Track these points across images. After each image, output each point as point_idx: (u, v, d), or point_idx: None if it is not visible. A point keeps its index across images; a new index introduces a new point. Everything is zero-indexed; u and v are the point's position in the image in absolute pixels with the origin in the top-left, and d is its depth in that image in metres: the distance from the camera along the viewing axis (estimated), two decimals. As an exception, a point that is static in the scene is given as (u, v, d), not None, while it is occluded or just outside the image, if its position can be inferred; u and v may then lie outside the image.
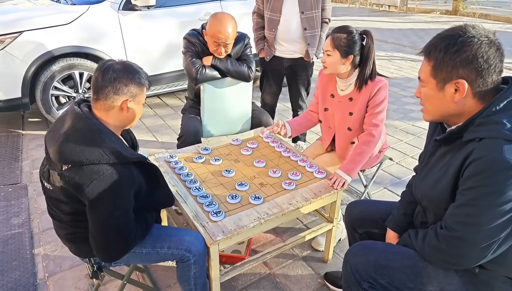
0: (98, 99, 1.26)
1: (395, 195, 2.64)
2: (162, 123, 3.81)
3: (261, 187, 1.74)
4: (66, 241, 1.41)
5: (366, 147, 1.84)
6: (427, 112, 1.13)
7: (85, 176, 1.16)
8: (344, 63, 1.81)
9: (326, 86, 2.03)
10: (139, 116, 1.38)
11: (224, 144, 2.15)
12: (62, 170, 1.19)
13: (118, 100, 1.25)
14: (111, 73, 1.24)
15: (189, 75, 2.23)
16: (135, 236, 1.28)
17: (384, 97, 1.84)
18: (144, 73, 1.32)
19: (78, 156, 1.16)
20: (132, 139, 1.54)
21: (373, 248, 1.28)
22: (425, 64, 1.07)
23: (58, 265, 1.97)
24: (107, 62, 1.27)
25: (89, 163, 1.16)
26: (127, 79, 1.25)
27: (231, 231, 1.45)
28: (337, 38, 1.78)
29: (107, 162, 1.18)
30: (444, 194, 1.10)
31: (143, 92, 1.32)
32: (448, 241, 1.06)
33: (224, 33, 2.11)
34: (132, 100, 1.28)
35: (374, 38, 1.81)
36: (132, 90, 1.27)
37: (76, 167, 1.17)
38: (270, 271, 1.96)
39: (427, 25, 9.87)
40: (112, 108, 1.26)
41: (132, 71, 1.27)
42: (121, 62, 1.30)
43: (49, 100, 3.37)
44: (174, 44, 3.77)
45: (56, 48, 3.24)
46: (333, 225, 1.89)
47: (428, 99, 1.09)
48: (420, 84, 1.12)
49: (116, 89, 1.23)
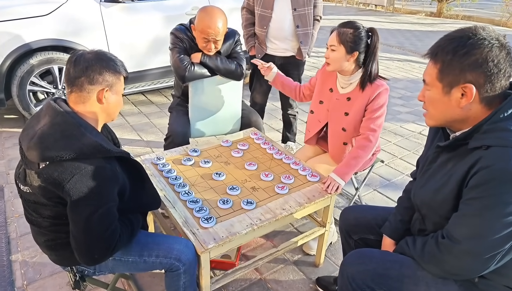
0: (73, 92, 1.19)
1: (385, 197, 2.62)
2: (147, 121, 3.69)
3: (253, 191, 1.68)
4: (46, 249, 1.31)
5: (362, 151, 1.80)
6: (430, 117, 1.09)
7: (65, 172, 1.09)
8: (349, 60, 1.76)
9: (326, 78, 1.98)
10: (119, 108, 1.31)
11: (214, 145, 2.07)
12: (40, 168, 1.11)
13: (94, 91, 1.19)
14: (82, 63, 1.17)
15: (177, 73, 2.14)
16: (120, 236, 1.20)
17: (384, 102, 1.80)
18: (119, 61, 1.25)
19: (56, 152, 1.08)
20: (114, 139, 1.46)
21: (370, 256, 1.24)
22: (431, 67, 1.02)
23: (38, 272, 1.86)
24: (77, 52, 1.21)
25: (68, 158, 1.09)
26: (100, 67, 1.18)
27: (223, 238, 1.39)
28: (343, 32, 1.72)
29: (88, 156, 1.11)
30: (446, 202, 1.06)
31: (120, 80, 1.25)
32: (450, 252, 1.03)
33: (214, 29, 2.03)
34: (109, 89, 1.21)
35: (379, 35, 1.76)
36: (108, 78, 1.20)
37: (55, 163, 1.09)
38: (261, 276, 1.90)
39: (413, 26, 9.99)
40: (88, 100, 1.19)
41: (105, 59, 1.21)
42: (93, 51, 1.23)
43: (26, 96, 3.20)
44: (160, 39, 3.65)
45: (34, 41, 3.08)
46: (326, 230, 1.85)
47: (432, 103, 1.05)
48: (424, 87, 1.08)
49: (90, 79, 1.17)
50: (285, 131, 3.07)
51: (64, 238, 1.21)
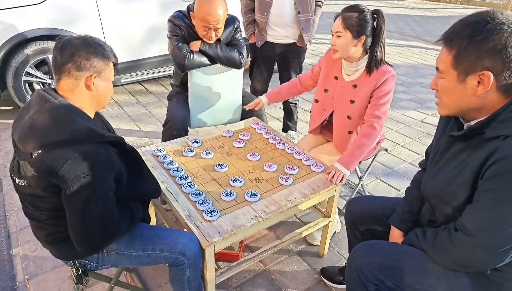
0: (61, 79, 1.16)
1: (388, 186, 2.60)
2: (145, 111, 3.64)
3: (257, 183, 1.65)
4: (46, 243, 1.29)
5: (366, 139, 1.76)
6: (443, 106, 1.05)
7: (58, 158, 1.06)
8: (356, 45, 1.71)
9: (331, 66, 1.93)
10: (110, 95, 1.27)
11: (215, 136, 2.03)
12: (33, 157, 1.08)
13: (82, 77, 1.15)
14: (69, 49, 1.13)
15: (176, 61, 2.08)
16: (119, 222, 1.18)
17: (390, 89, 1.76)
18: (107, 46, 1.21)
19: (48, 139, 1.06)
20: (107, 126, 1.41)
21: (378, 248, 1.21)
22: (445, 53, 0.97)
23: (39, 267, 1.84)
24: (64, 38, 1.17)
25: (61, 144, 1.07)
26: (87, 52, 1.14)
27: (227, 231, 1.36)
28: (348, 17, 1.67)
29: (81, 142, 1.08)
30: (459, 193, 1.03)
31: (109, 66, 1.21)
32: (464, 245, 1.00)
33: (215, 16, 1.97)
34: (97, 76, 1.17)
35: (385, 17, 1.70)
36: (96, 64, 1.16)
37: (47, 150, 1.07)
38: (265, 267, 1.89)
39: (412, 11, 9.85)
40: (77, 87, 1.16)
41: (92, 44, 1.17)
42: (80, 36, 1.19)
43: (22, 87, 3.14)
44: (157, 27, 3.57)
45: (28, 31, 3.00)
46: (330, 220, 1.83)
47: (446, 92, 1.01)
48: (437, 75, 1.03)
49: (77, 64, 1.13)
50: (286, 120, 3.03)
51: (63, 231, 1.19)
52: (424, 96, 4.24)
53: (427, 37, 7.11)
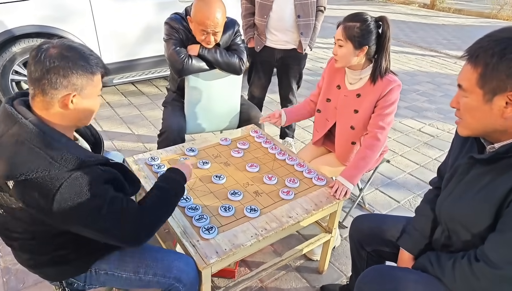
0: (35, 95, 0.98)
1: (387, 197, 2.54)
2: (137, 113, 3.52)
3: (256, 196, 1.56)
4: (29, 267, 1.19)
5: (370, 151, 1.69)
6: (465, 126, 0.97)
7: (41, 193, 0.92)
8: (358, 55, 1.64)
9: (334, 75, 1.85)
10: (93, 113, 1.09)
11: (212, 144, 1.94)
12: (11, 189, 0.95)
13: (57, 95, 0.97)
14: (43, 61, 0.94)
15: (173, 66, 1.98)
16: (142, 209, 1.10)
17: (395, 99, 1.69)
18: (93, 57, 1.02)
19: (18, 169, 0.91)
20: (94, 135, 1.28)
21: (389, 275, 1.13)
22: (469, 71, 0.90)
23: (21, 281, 1.72)
24: (42, 46, 0.97)
25: (37, 176, 0.91)
26: (65, 68, 0.95)
27: (225, 251, 1.27)
28: (350, 27, 1.59)
29: (61, 171, 0.94)
30: (480, 220, 0.96)
31: (92, 81, 1.01)
32: (488, 277, 0.93)
33: (213, 20, 1.87)
34: (77, 94, 0.99)
35: (391, 24, 1.62)
36: (75, 82, 0.97)
37: (22, 183, 0.93)
38: (262, 284, 1.80)
39: (407, 17, 9.88)
40: (52, 106, 0.98)
41: (72, 58, 0.97)
42: (60, 44, 0.98)
43: (9, 86, 3.01)
44: (152, 27, 3.46)
45: (16, 28, 2.86)
46: (332, 236, 1.75)
47: (469, 111, 0.94)
48: (459, 93, 0.96)
49: (52, 82, 0.95)
50: (284, 127, 2.95)
51: (46, 254, 1.11)
52: (421, 105, 4.20)
53: (422, 43, 7.11)
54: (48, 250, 1.09)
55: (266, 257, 1.95)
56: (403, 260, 1.25)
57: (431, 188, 1.30)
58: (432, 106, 4.20)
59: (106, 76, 1.09)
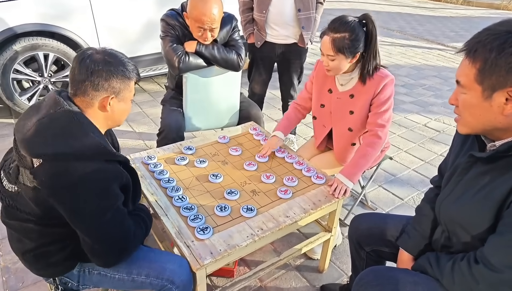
0: (76, 95, 1.09)
1: (391, 194, 2.49)
2: (139, 111, 3.51)
3: (253, 195, 1.54)
4: (24, 261, 1.19)
5: (371, 149, 1.65)
6: (464, 124, 0.93)
7: (65, 173, 0.98)
8: (351, 62, 1.59)
9: (323, 79, 1.80)
10: (126, 115, 1.21)
11: (210, 142, 1.91)
12: (34, 167, 0.98)
13: (98, 97, 1.08)
14: (88, 65, 1.06)
15: (170, 64, 1.96)
16: (135, 229, 1.15)
17: (390, 95, 1.64)
18: (131, 64, 1.14)
19: (54, 148, 0.98)
20: (114, 143, 1.34)
21: (389, 276, 1.10)
22: (468, 66, 0.86)
23: (20, 280, 1.72)
24: (86, 52, 1.09)
25: (68, 157, 0.98)
26: (108, 72, 1.07)
27: (220, 252, 1.24)
28: (338, 40, 1.52)
29: (89, 158, 1.01)
30: (481, 222, 0.92)
31: (129, 87, 1.14)
32: (487, 280, 0.89)
33: (210, 16, 1.84)
34: (115, 97, 1.11)
35: (375, 21, 1.57)
36: (115, 85, 1.09)
37: (49, 161, 0.98)
38: (261, 283, 1.78)
39: (414, 10, 9.72)
40: (92, 106, 1.10)
41: (114, 63, 1.09)
42: (103, 51, 1.11)
43: (10, 85, 3.00)
44: (152, 23, 3.43)
45: (17, 26, 2.86)
46: (331, 235, 1.72)
47: (468, 108, 0.89)
48: (458, 89, 0.92)
49: (94, 84, 1.06)
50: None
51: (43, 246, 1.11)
52: (427, 100, 4.12)
53: (429, 36, 6.99)
54: (46, 240, 1.10)
55: (266, 256, 1.92)
56: (403, 260, 1.21)
57: (432, 187, 1.26)
58: (438, 100, 4.12)
59: (138, 82, 1.20)
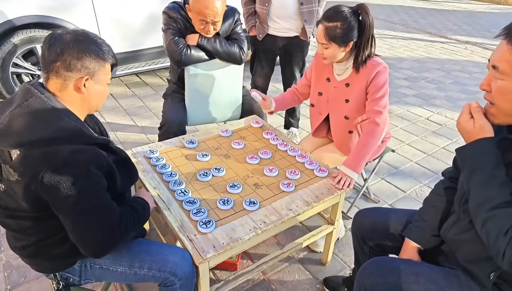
0: (49, 78, 1.05)
1: (393, 187, 2.49)
2: (141, 105, 3.50)
3: (256, 189, 1.53)
4: (23, 256, 1.18)
5: (370, 137, 1.65)
6: (500, 112, 0.89)
7: (40, 160, 0.95)
8: (345, 50, 1.62)
9: (322, 68, 1.83)
10: (103, 99, 1.16)
11: (213, 136, 1.91)
12: (13, 161, 0.97)
13: (71, 78, 1.03)
14: (58, 45, 1.01)
15: (171, 57, 1.94)
16: (121, 218, 1.08)
17: (384, 81, 1.65)
18: (105, 45, 1.09)
19: (27, 136, 0.96)
20: (102, 132, 1.29)
21: (391, 267, 1.10)
22: (508, 51, 0.83)
23: (23, 275, 1.73)
24: (55, 32, 1.05)
25: (43, 143, 0.96)
26: (79, 51, 1.02)
27: (223, 245, 1.24)
28: (330, 29, 1.56)
29: (65, 142, 0.98)
30: None
31: (104, 68, 1.09)
32: None
33: (212, 9, 1.82)
34: (89, 78, 1.06)
35: (370, 12, 1.58)
36: (88, 65, 1.04)
37: (26, 150, 0.97)
38: (265, 276, 1.78)
39: (416, 3, 9.62)
40: (65, 88, 1.05)
41: (86, 41, 1.04)
42: (73, 30, 1.07)
43: (10, 79, 2.99)
44: (155, 16, 3.40)
45: (16, 18, 2.83)
46: (334, 227, 1.71)
47: (505, 95, 0.86)
48: (492, 74, 0.88)
49: (66, 64, 1.01)
50: (288, 116, 2.89)
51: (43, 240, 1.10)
52: (430, 93, 4.10)
53: (431, 29, 6.93)
54: (43, 235, 1.09)
55: (269, 249, 1.93)
56: (407, 250, 1.21)
57: (443, 179, 1.24)
58: (441, 93, 4.09)
59: (115, 66, 1.14)
